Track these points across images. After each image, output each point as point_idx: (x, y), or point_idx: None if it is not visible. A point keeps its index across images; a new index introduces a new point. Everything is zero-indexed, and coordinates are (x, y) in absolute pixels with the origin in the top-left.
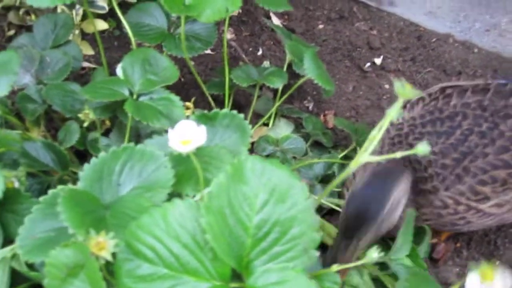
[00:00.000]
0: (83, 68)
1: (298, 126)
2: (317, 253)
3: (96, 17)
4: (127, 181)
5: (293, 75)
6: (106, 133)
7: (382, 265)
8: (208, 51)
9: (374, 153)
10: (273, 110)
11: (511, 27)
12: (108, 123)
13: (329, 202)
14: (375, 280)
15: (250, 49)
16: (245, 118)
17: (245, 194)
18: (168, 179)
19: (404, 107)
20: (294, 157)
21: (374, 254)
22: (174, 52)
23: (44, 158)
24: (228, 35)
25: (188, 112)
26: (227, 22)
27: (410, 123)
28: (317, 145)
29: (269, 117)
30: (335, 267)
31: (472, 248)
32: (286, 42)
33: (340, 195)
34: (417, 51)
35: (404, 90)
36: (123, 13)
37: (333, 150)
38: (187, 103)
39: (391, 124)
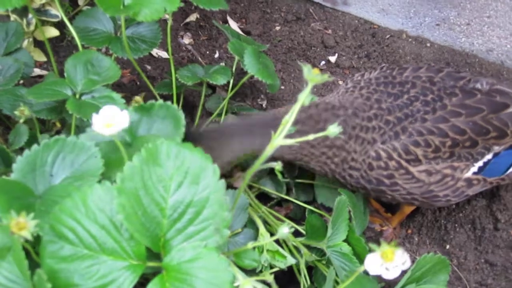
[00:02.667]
0: (40, 76)
1: None
2: (228, 232)
3: (51, 25)
4: (59, 171)
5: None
6: (57, 134)
7: (322, 252)
8: (166, 55)
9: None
10: (223, 107)
11: (459, 21)
12: (58, 124)
13: (277, 193)
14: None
15: (208, 52)
16: (195, 115)
17: (160, 176)
18: (98, 168)
19: (362, 75)
20: None
21: (285, 229)
22: (120, 54)
23: None
24: (186, 39)
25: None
26: (169, 24)
27: (367, 81)
28: None
29: (220, 115)
30: (250, 245)
31: (423, 233)
32: (229, 42)
33: (288, 188)
34: (372, 48)
35: (312, 75)
36: None
37: None
38: (137, 97)
39: (351, 79)
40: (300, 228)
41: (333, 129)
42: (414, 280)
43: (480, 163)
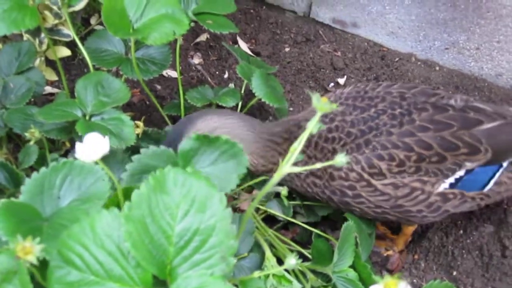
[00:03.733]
0: (52, 94)
1: None
2: (234, 261)
3: (63, 45)
4: (67, 194)
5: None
6: (66, 154)
7: (327, 277)
8: (175, 75)
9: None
10: None
11: (469, 45)
12: (68, 144)
13: (284, 216)
14: None
15: (217, 72)
16: None
17: (167, 204)
18: (105, 191)
19: (334, 91)
20: (249, 175)
21: (292, 261)
22: (130, 75)
23: None
24: (196, 59)
25: (138, 130)
26: (178, 45)
27: (338, 95)
28: None
29: None
30: (257, 273)
31: (429, 259)
32: (239, 64)
33: (294, 210)
34: (381, 70)
35: (321, 103)
36: None
37: None
38: (137, 122)
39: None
40: (306, 252)
41: (340, 159)
42: None
43: (451, 179)
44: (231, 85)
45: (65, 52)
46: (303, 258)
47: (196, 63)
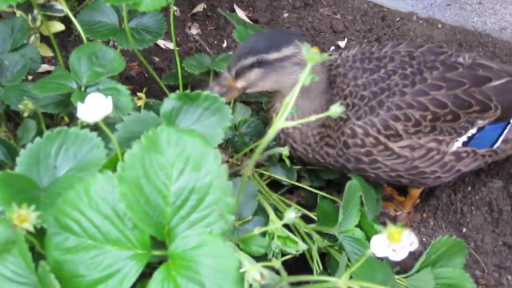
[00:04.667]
0: (49, 72)
1: (259, 111)
2: (232, 218)
3: (57, 20)
4: (63, 163)
5: None
6: None
7: (334, 237)
8: (171, 46)
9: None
10: None
11: (471, 0)
12: (66, 118)
13: (288, 180)
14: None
15: (215, 42)
16: None
17: (161, 164)
18: (101, 158)
19: (340, 54)
20: (252, 140)
21: (291, 214)
22: (124, 46)
23: None
24: (194, 30)
25: (140, 102)
26: (172, 13)
27: (344, 58)
28: None
29: (229, 103)
30: (257, 230)
31: (438, 217)
32: (235, 29)
33: (299, 175)
34: (382, 31)
35: (311, 54)
36: None
37: None
38: (139, 94)
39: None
40: (312, 215)
41: (335, 109)
42: (429, 264)
43: (464, 138)
44: (230, 53)
45: (59, 27)
46: (309, 220)
47: (194, 33)
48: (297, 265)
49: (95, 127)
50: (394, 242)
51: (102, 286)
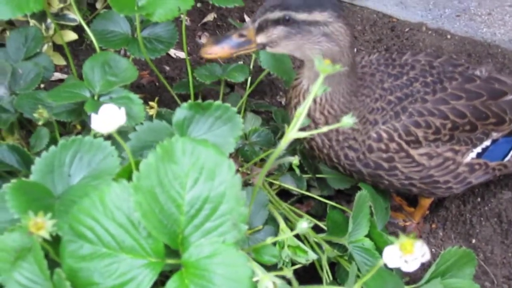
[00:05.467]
0: (61, 80)
1: (270, 120)
2: (246, 227)
3: (70, 29)
4: (77, 171)
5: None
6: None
7: (344, 247)
8: (184, 56)
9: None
10: (241, 105)
11: (480, 11)
12: (79, 126)
13: (298, 189)
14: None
15: None
16: None
17: (176, 173)
18: (115, 167)
19: (362, 57)
20: (262, 149)
21: (303, 225)
22: (137, 55)
23: (9, 159)
24: (204, 39)
25: (152, 111)
26: (183, 23)
27: (368, 61)
28: None
29: (239, 113)
30: (269, 240)
31: (447, 228)
32: None
33: (308, 184)
34: (391, 42)
35: (324, 66)
36: None
37: None
38: (151, 103)
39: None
40: (321, 224)
41: (347, 120)
42: (439, 274)
43: (478, 149)
44: (240, 63)
45: (72, 36)
46: (319, 230)
47: (204, 43)
48: (307, 274)
49: (108, 136)
50: (407, 253)
51: None
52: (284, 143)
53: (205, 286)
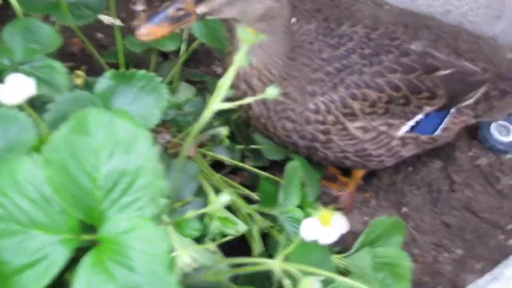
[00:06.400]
0: None
1: (204, 90)
2: (164, 201)
3: None
4: None
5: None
6: None
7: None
8: (118, 23)
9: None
10: (175, 74)
11: None
12: None
13: (232, 160)
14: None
15: None
16: None
17: (90, 146)
18: (31, 140)
19: (301, 26)
20: (196, 119)
21: (224, 197)
22: (62, 22)
23: None
24: (139, 6)
25: (79, 81)
26: None
27: (306, 29)
28: None
29: (172, 83)
30: (190, 213)
31: (380, 197)
32: None
33: (242, 155)
34: (330, 11)
35: (247, 35)
36: None
37: None
38: (78, 72)
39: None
40: (255, 196)
41: (271, 91)
42: (368, 243)
43: (412, 122)
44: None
45: None
46: (253, 201)
47: (140, 9)
48: (242, 246)
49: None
50: (325, 225)
51: (28, 272)
52: (207, 115)
53: (122, 261)
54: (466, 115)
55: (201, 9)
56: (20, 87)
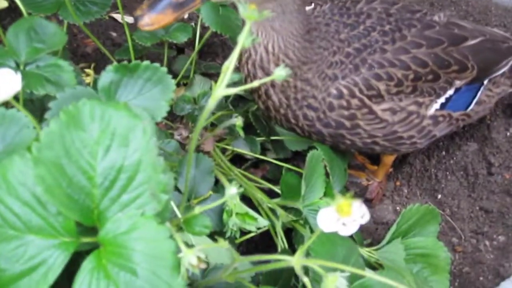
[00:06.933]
0: None
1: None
2: (166, 197)
3: None
4: None
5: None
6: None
7: (300, 212)
8: (132, 21)
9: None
10: (187, 67)
11: None
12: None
13: (252, 153)
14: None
15: None
16: None
17: (85, 141)
18: (31, 139)
19: (314, 8)
20: (213, 113)
21: (232, 190)
22: (70, 20)
23: None
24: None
25: (89, 79)
26: None
27: (320, 11)
28: (241, 99)
29: (188, 77)
30: (198, 209)
31: (412, 184)
32: None
33: (263, 147)
34: None
35: (249, 12)
36: None
37: None
38: (87, 70)
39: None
40: (277, 189)
41: (279, 72)
42: (400, 234)
43: (442, 99)
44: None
45: (1, 4)
46: (275, 195)
47: (137, 12)
48: (264, 242)
49: (41, 107)
50: (344, 215)
51: (26, 279)
52: (212, 102)
53: (123, 265)
54: (502, 85)
55: None
56: (6, 83)
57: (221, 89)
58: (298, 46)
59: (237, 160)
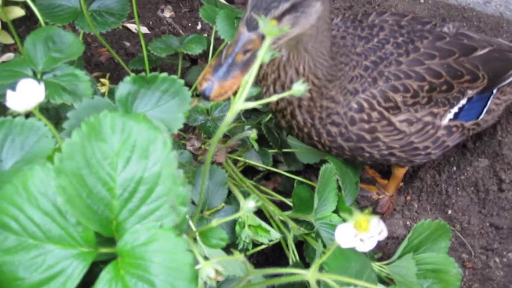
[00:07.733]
0: None
1: (233, 93)
2: (185, 210)
3: (20, 6)
4: (9, 155)
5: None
6: None
7: (312, 225)
8: (146, 31)
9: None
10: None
11: None
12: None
13: (264, 165)
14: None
15: (190, 24)
16: None
17: (105, 152)
18: (49, 149)
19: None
20: None
21: (250, 203)
22: (86, 30)
23: None
24: (167, 13)
25: (104, 89)
26: None
27: (334, 24)
28: (253, 111)
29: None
30: (215, 222)
31: (423, 199)
32: (201, 8)
33: (275, 160)
34: (363, 8)
35: (269, 27)
36: None
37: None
38: (102, 80)
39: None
40: (289, 202)
41: (298, 87)
42: (411, 249)
43: (455, 109)
44: (205, 35)
45: (18, 12)
46: (287, 208)
47: (167, 16)
48: (274, 254)
49: (56, 116)
50: (361, 231)
51: None
52: (230, 116)
53: (141, 276)
54: (508, 94)
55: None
56: (30, 93)
57: (240, 103)
58: (326, 65)
59: (249, 171)
